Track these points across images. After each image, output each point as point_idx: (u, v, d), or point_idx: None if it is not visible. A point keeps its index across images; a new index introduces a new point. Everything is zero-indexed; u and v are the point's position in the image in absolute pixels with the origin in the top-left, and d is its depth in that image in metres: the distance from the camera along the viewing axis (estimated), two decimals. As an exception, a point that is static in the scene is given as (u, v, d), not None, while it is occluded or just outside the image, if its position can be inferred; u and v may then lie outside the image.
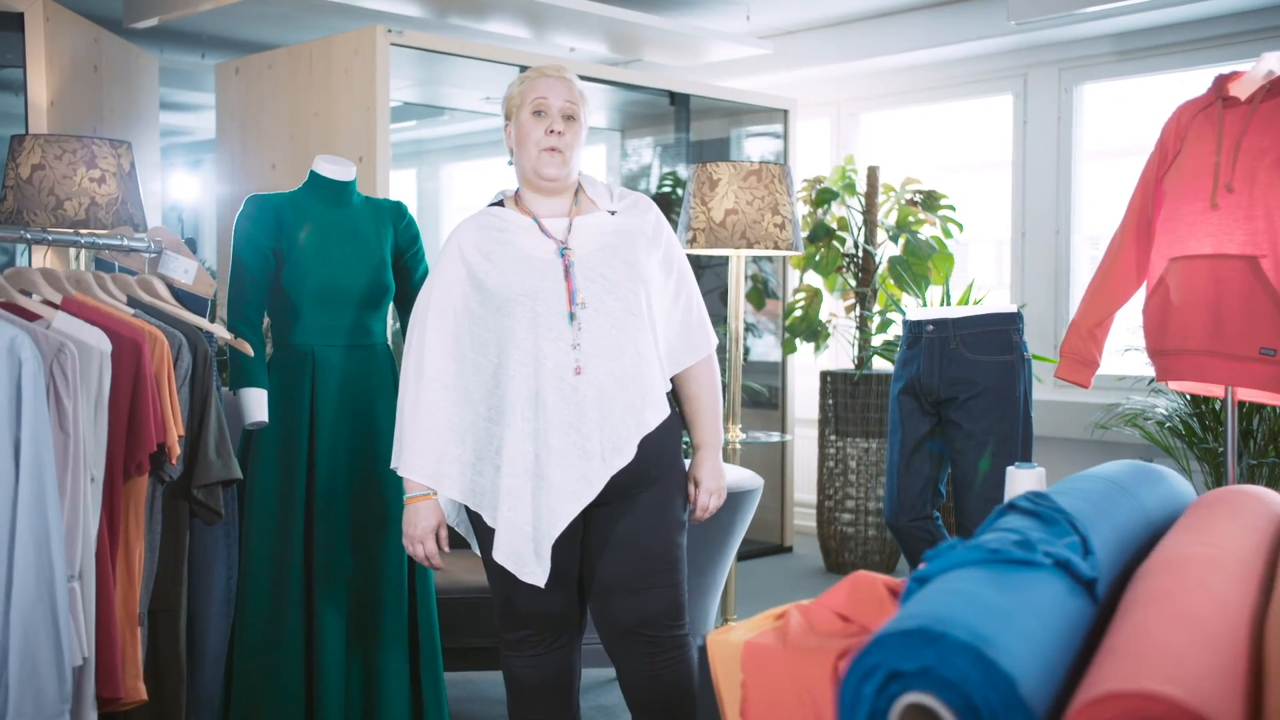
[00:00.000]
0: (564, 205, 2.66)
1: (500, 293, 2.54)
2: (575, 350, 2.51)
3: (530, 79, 2.64)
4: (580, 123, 2.64)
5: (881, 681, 1.20)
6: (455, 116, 7.30)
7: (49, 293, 2.62)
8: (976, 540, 1.54)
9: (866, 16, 6.19)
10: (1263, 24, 5.28)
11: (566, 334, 2.51)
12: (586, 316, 2.53)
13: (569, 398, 2.50)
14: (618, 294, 2.55)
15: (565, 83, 2.63)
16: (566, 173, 2.62)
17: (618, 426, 2.51)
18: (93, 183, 4.22)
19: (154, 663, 2.76)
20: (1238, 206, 2.93)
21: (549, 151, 2.58)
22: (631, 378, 2.53)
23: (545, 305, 2.52)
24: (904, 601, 1.50)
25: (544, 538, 2.49)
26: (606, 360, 2.52)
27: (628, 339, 2.54)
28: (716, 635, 1.88)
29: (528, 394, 2.51)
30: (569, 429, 2.49)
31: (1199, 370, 2.98)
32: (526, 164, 2.62)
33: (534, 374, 2.51)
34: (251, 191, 5.47)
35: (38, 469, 2.37)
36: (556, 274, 2.55)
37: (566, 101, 2.61)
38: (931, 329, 3.53)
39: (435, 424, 2.58)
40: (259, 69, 5.47)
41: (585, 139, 2.67)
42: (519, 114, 2.63)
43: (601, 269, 2.56)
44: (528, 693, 2.68)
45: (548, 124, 2.59)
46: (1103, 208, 5.93)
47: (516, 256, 2.57)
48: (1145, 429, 4.72)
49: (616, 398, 2.51)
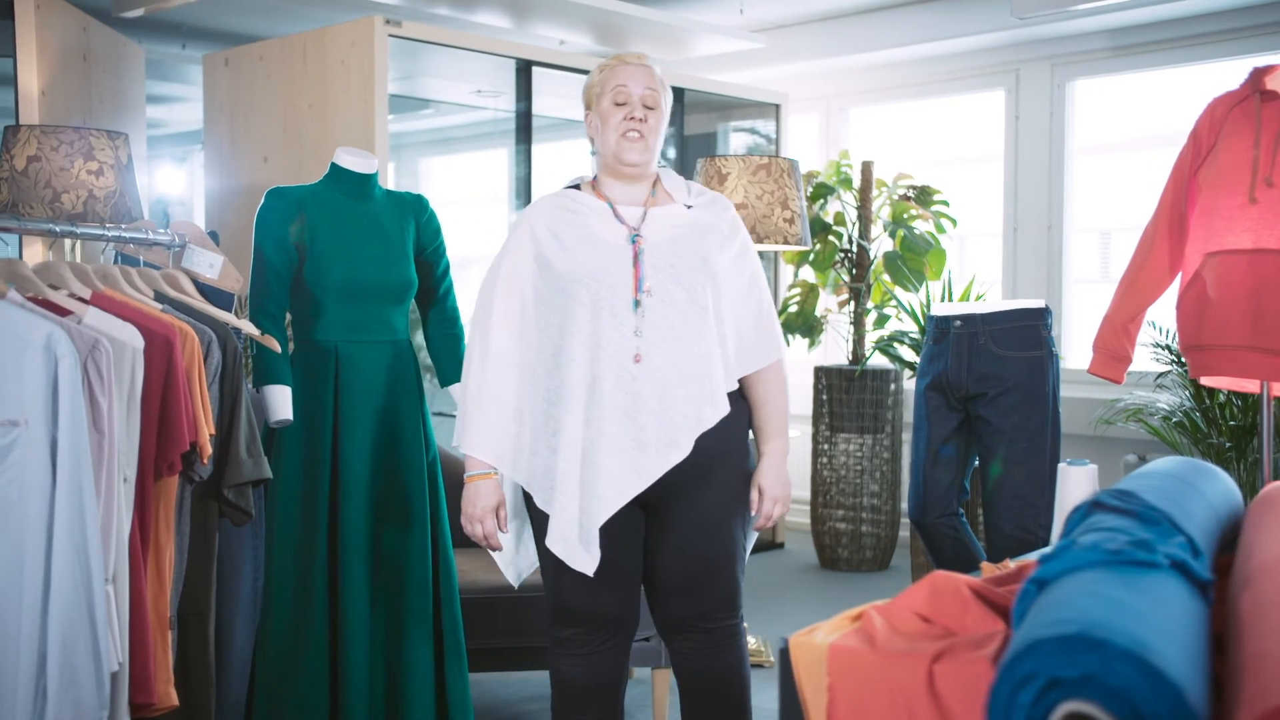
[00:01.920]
0: (641, 194, 2.64)
1: (566, 273, 2.53)
2: (637, 338, 2.48)
3: (611, 67, 2.63)
4: (660, 111, 2.62)
5: (1040, 689, 1.17)
6: (441, 109, 7.22)
7: (78, 287, 2.55)
8: (1092, 541, 1.52)
9: (859, 11, 6.17)
10: (1255, 21, 5.32)
11: (630, 320, 2.49)
12: (651, 304, 2.50)
13: (627, 386, 2.47)
14: (684, 285, 2.53)
15: (646, 71, 2.61)
16: (647, 159, 2.60)
17: (675, 420, 2.48)
18: (90, 175, 4.12)
19: (183, 667, 2.69)
20: (1278, 201, 2.92)
21: (630, 138, 2.57)
22: (694, 371, 2.50)
23: (610, 289, 2.50)
24: (1021, 605, 1.47)
25: (590, 525, 2.47)
26: (668, 351, 2.49)
27: (691, 331, 2.51)
28: (799, 637, 1.85)
29: (586, 379, 2.49)
30: (625, 418, 2.47)
31: (1238, 365, 2.98)
32: (607, 150, 2.61)
33: (593, 358, 2.48)
34: (243, 186, 5.39)
35: (75, 470, 2.31)
36: (625, 259, 2.53)
37: (647, 90, 2.59)
38: (960, 324, 3.51)
39: (499, 402, 2.57)
40: (249, 60, 5.38)
41: (665, 129, 2.65)
42: (600, 102, 2.62)
43: (670, 259, 2.54)
44: (572, 693, 2.64)
45: (628, 110, 2.58)
46: (1095, 203, 5.95)
47: (586, 238, 2.56)
48: (1150, 424, 4.74)
49: (676, 390, 2.48)
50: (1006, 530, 3.43)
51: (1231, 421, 4.44)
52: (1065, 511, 2.45)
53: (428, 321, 3.30)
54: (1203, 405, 4.50)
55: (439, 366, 3.31)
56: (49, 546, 2.30)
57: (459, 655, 3.18)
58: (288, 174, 5.14)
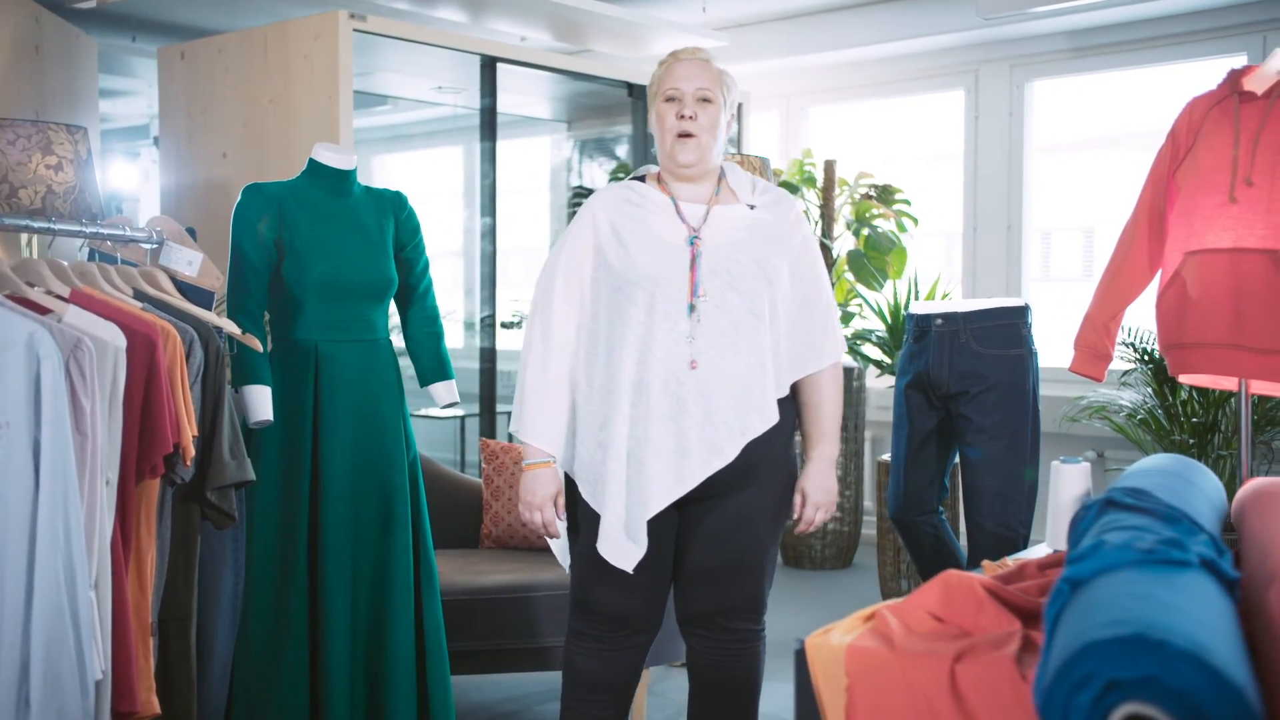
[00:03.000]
0: (704, 192, 2.60)
1: (622, 272, 2.51)
2: (690, 344, 2.46)
3: (666, 65, 2.60)
4: (717, 104, 2.57)
5: (1099, 691, 1.16)
6: (399, 106, 7.14)
7: (55, 285, 2.48)
8: (1122, 540, 1.51)
9: (821, 10, 6.19)
10: (1210, 24, 5.39)
11: (683, 325, 2.47)
12: (706, 310, 2.48)
13: (673, 391, 2.45)
14: (741, 291, 2.50)
15: (699, 66, 2.57)
16: (700, 157, 2.55)
17: (719, 427, 2.46)
18: (49, 170, 4.03)
19: (164, 674, 2.63)
20: (1257, 200, 2.95)
21: (682, 137, 2.54)
22: (742, 379, 2.48)
23: (665, 293, 2.48)
24: (1054, 604, 1.46)
25: (634, 523, 2.45)
26: (718, 359, 2.47)
27: (744, 339, 2.49)
28: (815, 638, 1.84)
29: (634, 380, 2.47)
30: (669, 422, 2.45)
31: (1220, 363, 3.01)
32: (663, 151, 2.58)
33: (642, 360, 2.47)
34: (201, 182, 5.29)
35: (58, 473, 2.24)
36: (682, 262, 2.50)
37: (700, 85, 2.55)
38: (941, 323, 3.52)
39: (559, 393, 2.55)
40: (207, 54, 5.28)
41: (726, 121, 2.60)
42: (655, 102, 2.60)
43: (728, 264, 2.51)
44: (582, 684, 2.62)
45: (679, 109, 2.54)
46: (1053, 202, 6.01)
47: (645, 237, 2.53)
48: (1114, 421, 4.79)
49: (722, 397, 2.46)
50: (988, 528, 3.45)
51: (1193, 419, 4.50)
52: (1059, 509, 2.45)
53: (407, 320, 3.26)
54: (1165, 403, 4.56)
55: (419, 365, 3.26)
56: (31, 552, 2.23)
57: (441, 657, 3.13)
58: (248, 170, 5.05)
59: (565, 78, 5.95)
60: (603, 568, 2.52)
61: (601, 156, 6.99)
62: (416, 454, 3.19)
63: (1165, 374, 4.55)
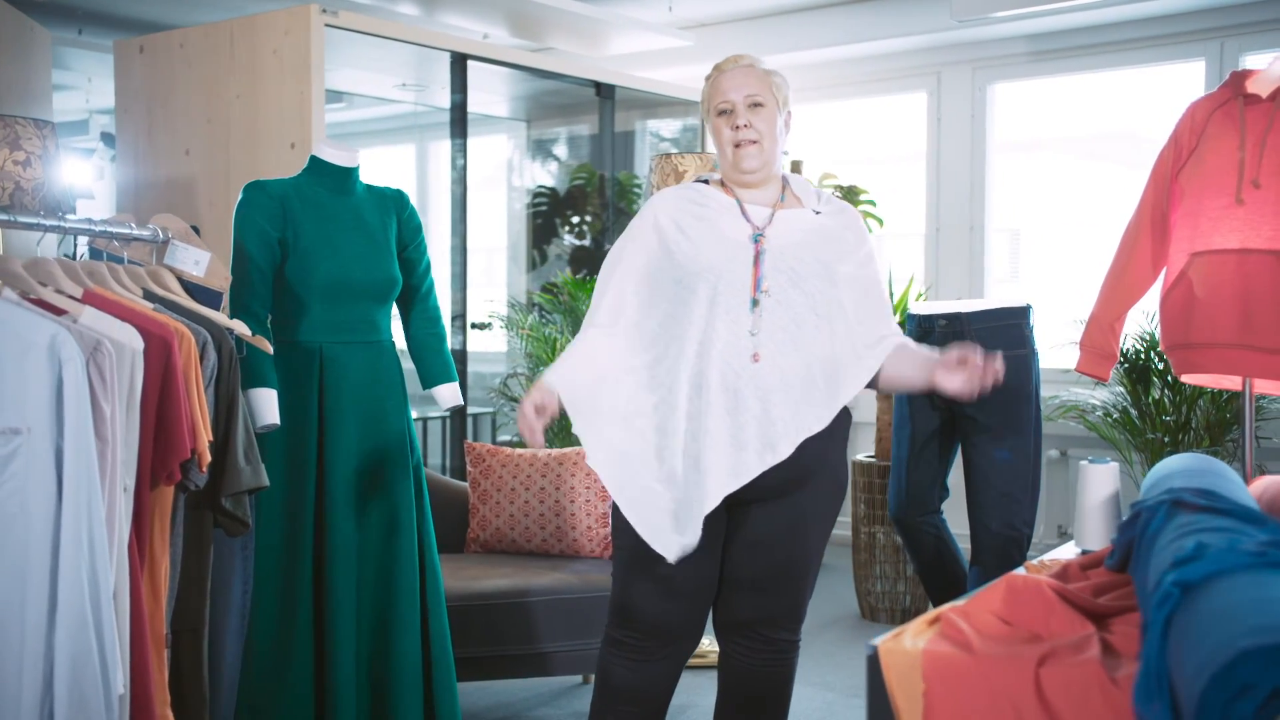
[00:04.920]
0: (769, 197, 2.59)
1: (687, 266, 2.49)
2: (751, 338, 2.44)
3: (712, 79, 2.59)
4: (770, 107, 2.55)
5: (1263, 699, 1.16)
6: (353, 103, 7.02)
7: (68, 285, 2.39)
8: (1226, 542, 1.51)
9: (786, 11, 6.20)
10: (1167, 30, 5.48)
11: (745, 320, 2.45)
12: (769, 305, 2.46)
13: (731, 384, 2.43)
14: (804, 290, 2.48)
15: (745, 73, 2.55)
16: (764, 161, 2.54)
17: (776, 423, 2.43)
18: (17, 165, 3.90)
19: (176, 687, 2.54)
20: (1265, 202, 3.00)
21: (742, 146, 2.52)
22: (801, 377, 2.46)
23: (728, 287, 2.46)
24: (1164, 608, 1.45)
25: (687, 516, 2.40)
26: (778, 354, 2.45)
27: (805, 336, 2.47)
28: (888, 643, 1.82)
29: (692, 373, 2.44)
30: (726, 415, 2.42)
31: (1228, 363, 3.05)
32: (725, 163, 2.57)
33: (702, 353, 2.44)
34: (163, 179, 5.16)
35: (82, 481, 2.16)
36: (746, 257, 2.48)
37: (749, 93, 2.53)
38: (944, 323, 3.53)
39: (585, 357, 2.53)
40: (168, 48, 5.14)
41: (784, 121, 2.58)
42: (710, 118, 2.59)
43: (792, 261, 2.49)
44: (615, 694, 2.57)
45: (733, 120, 2.53)
46: (1016, 203, 6.07)
47: (710, 233, 2.51)
48: (1090, 420, 4.85)
49: (781, 393, 2.44)
50: (993, 528, 3.46)
51: (1166, 418, 4.57)
52: (1088, 509, 2.46)
53: (409, 321, 3.19)
54: (1138, 402, 4.62)
55: (422, 367, 3.19)
56: (55, 564, 2.14)
57: (447, 664, 3.08)
58: (213, 167, 4.94)
59: (528, 75, 5.89)
60: (645, 570, 2.48)
61: (562, 155, 6.94)
62: (420, 457, 3.12)
63: (1138, 373, 4.61)
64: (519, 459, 3.93)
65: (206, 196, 4.96)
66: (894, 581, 4.86)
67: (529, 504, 3.86)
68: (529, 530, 3.87)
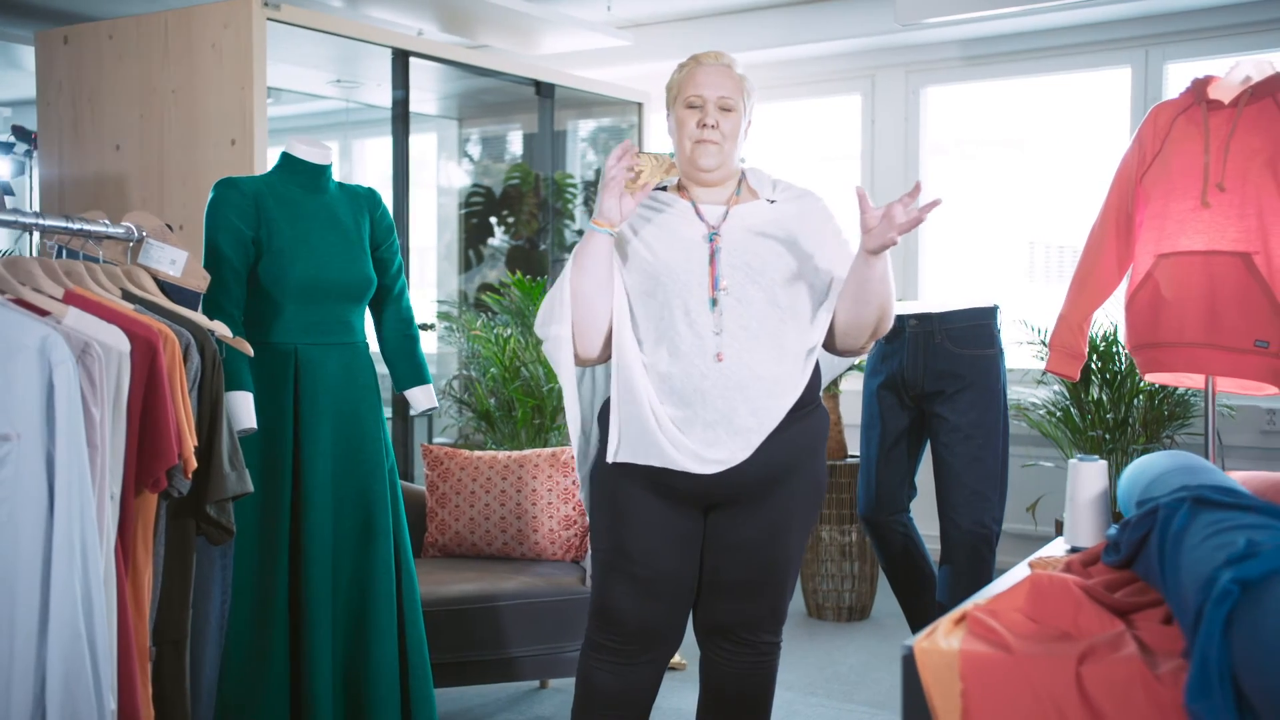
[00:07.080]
0: (724, 194, 2.58)
1: (644, 270, 2.49)
2: (716, 338, 2.44)
3: (689, 69, 2.56)
4: (739, 113, 2.56)
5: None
6: (280, 98, 6.87)
7: (48, 285, 2.29)
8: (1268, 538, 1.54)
9: (723, 12, 6.21)
10: (1095, 38, 5.61)
11: (707, 319, 2.45)
12: (728, 304, 2.45)
13: (697, 384, 2.43)
14: (762, 285, 2.48)
15: (723, 71, 2.54)
16: (721, 162, 2.54)
17: (746, 419, 2.43)
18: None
19: (159, 700, 2.45)
20: (1230, 205, 3.08)
21: (703, 144, 2.50)
22: (769, 372, 2.46)
23: (686, 287, 2.46)
24: (1221, 606, 1.47)
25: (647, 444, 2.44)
26: (742, 352, 2.45)
27: (766, 331, 2.47)
28: (924, 643, 1.82)
29: (659, 371, 2.46)
30: (695, 414, 2.44)
31: (1194, 362, 3.12)
32: (683, 156, 2.55)
33: (672, 357, 2.45)
34: (91, 175, 4.99)
35: (74, 488, 2.08)
36: (701, 257, 2.48)
37: (723, 94, 2.52)
38: (915, 323, 3.55)
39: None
40: (95, 39, 4.98)
41: (746, 126, 2.59)
42: (675, 106, 2.56)
43: (747, 256, 2.49)
44: (597, 700, 2.55)
45: (701, 117, 2.51)
46: (950, 205, 6.14)
47: (664, 236, 2.51)
48: (1033, 418, 4.93)
49: (748, 389, 2.44)
50: (964, 526, 3.50)
51: (1106, 415, 4.66)
52: (1079, 507, 2.49)
53: (382, 323, 3.13)
54: (1078, 400, 4.71)
55: (395, 370, 3.13)
56: (46, 575, 2.06)
57: (424, 670, 3.02)
58: (145, 164, 4.79)
59: (461, 73, 5.81)
60: (624, 573, 2.48)
61: (495, 154, 6.86)
62: (394, 460, 3.06)
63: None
64: (478, 461, 3.88)
65: (139, 194, 4.80)
66: (839, 580, 4.91)
67: (489, 507, 3.81)
68: (490, 534, 3.81)
